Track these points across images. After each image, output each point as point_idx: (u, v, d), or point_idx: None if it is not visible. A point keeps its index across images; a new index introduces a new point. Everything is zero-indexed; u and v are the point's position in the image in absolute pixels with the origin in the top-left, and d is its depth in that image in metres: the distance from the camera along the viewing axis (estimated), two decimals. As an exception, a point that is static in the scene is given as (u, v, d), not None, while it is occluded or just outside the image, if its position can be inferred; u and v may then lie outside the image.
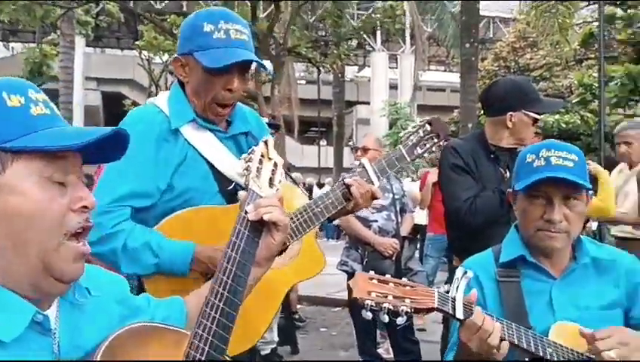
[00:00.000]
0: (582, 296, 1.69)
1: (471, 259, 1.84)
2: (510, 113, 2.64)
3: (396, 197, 4.30)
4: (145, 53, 18.05)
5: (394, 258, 4.07)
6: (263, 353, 4.52)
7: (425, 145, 1.97)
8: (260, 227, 1.29)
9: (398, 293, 1.41)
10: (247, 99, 11.75)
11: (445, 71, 27.98)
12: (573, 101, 11.77)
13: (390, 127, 19.20)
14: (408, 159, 1.95)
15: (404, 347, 4.12)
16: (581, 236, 1.76)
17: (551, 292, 1.69)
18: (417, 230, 6.27)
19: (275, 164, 1.37)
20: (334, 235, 14.12)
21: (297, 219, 1.75)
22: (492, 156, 2.69)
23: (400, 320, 1.41)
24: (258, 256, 1.31)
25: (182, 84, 1.82)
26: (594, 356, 1.52)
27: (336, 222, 4.11)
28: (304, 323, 6.24)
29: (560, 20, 10.05)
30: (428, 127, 1.99)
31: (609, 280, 1.73)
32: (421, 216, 6.97)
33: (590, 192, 1.75)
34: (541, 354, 1.51)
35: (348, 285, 1.44)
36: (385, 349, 4.73)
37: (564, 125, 12.33)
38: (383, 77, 25.29)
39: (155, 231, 1.68)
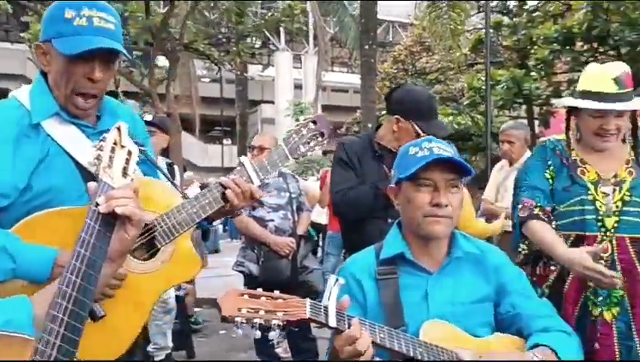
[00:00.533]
0: (455, 291, 1.75)
1: (353, 258, 1.88)
2: (397, 117, 2.71)
3: (293, 196, 4.29)
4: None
5: (290, 257, 4.06)
6: (157, 359, 4.38)
7: (308, 143, 1.95)
8: (112, 221, 1.22)
9: (270, 307, 1.41)
10: (142, 96, 11.36)
11: (348, 72, 28.52)
12: (464, 103, 12.39)
13: (295, 127, 19.23)
14: (291, 158, 1.92)
15: (301, 346, 4.13)
16: (454, 230, 1.83)
17: (427, 288, 1.74)
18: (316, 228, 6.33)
19: (130, 153, 1.30)
20: (239, 235, 13.97)
21: (170, 221, 1.68)
22: (377, 155, 2.75)
23: (272, 335, 1.41)
24: (110, 251, 1.24)
25: (45, 75, 1.69)
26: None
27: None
28: (201, 326, 6.11)
29: (452, 27, 10.54)
30: (312, 126, 1.97)
31: (480, 275, 1.80)
32: (321, 215, 7.05)
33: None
34: (412, 354, 1.55)
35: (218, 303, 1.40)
36: (283, 349, 4.72)
37: (456, 126, 12.94)
38: (288, 76, 25.36)
39: (11, 233, 1.54)
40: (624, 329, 2.19)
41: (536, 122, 11.94)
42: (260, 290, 1.44)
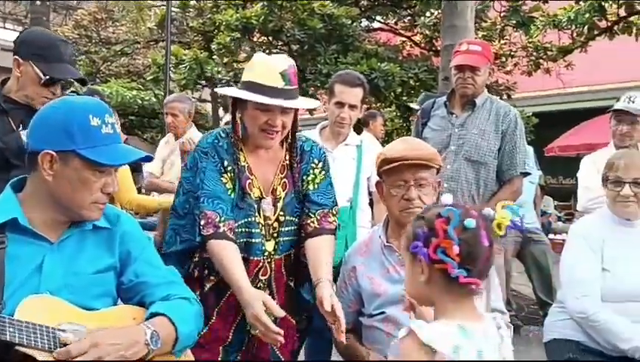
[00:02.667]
0: (74, 261, 1.61)
1: None
2: (17, 57, 2.34)
3: None
4: None
5: None
6: None
7: None
8: None
9: None
10: None
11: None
12: (148, 78, 12.12)
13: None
14: None
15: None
16: None
17: (44, 258, 1.56)
18: None
19: None
20: None
21: None
22: (2, 107, 2.35)
23: None
24: None
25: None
26: None
27: None
28: None
29: (136, -2, 10.16)
30: None
31: (105, 245, 1.69)
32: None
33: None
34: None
35: None
36: None
37: (140, 101, 12.59)
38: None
39: None
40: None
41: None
42: None
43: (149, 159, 1.74)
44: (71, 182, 1.57)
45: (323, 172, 2.28)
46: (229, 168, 2.13)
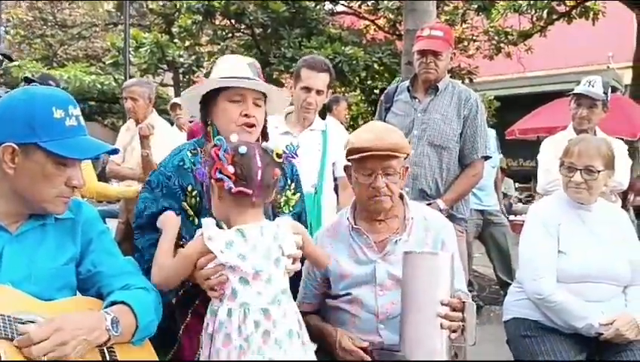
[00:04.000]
0: (35, 252, 1.58)
1: None
2: None
3: None
4: None
5: None
6: None
7: None
8: None
9: None
10: None
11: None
12: (107, 63, 11.82)
13: None
14: None
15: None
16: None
17: (2, 249, 1.53)
18: None
19: None
20: None
21: None
22: None
23: None
24: None
25: None
26: None
27: None
28: None
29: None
30: None
31: (68, 235, 1.66)
32: None
33: None
34: None
35: None
36: None
37: (99, 86, 12.28)
38: None
39: None
40: None
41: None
42: None
43: (115, 152, 1.72)
44: (34, 175, 1.53)
45: (297, 194, 2.28)
46: (193, 192, 2.02)
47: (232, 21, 9.77)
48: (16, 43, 14.93)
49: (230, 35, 10.08)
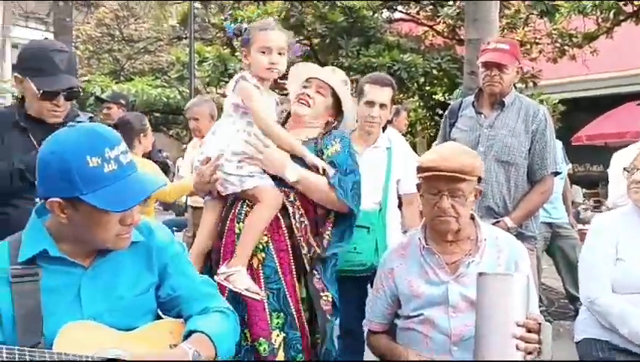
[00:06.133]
0: (113, 284, 1.61)
1: None
2: (17, 75, 2.40)
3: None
4: None
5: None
6: None
7: None
8: None
9: None
10: None
11: (47, 31, 25.48)
12: (173, 77, 12.23)
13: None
14: None
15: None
16: None
17: (80, 285, 1.56)
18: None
19: None
20: None
21: None
22: (22, 127, 2.42)
23: None
24: None
25: None
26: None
27: None
28: None
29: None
30: None
31: (143, 262, 1.68)
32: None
33: None
34: None
35: None
36: None
37: (165, 99, 12.72)
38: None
39: None
40: (270, 273, 2.30)
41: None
42: None
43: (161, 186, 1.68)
44: (86, 224, 1.51)
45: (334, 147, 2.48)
46: None
47: (292, 33, 9.92)
48: (86, 58, 15.67)
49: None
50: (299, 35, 9.92)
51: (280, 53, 2.52)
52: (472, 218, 2.23)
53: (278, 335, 2.25)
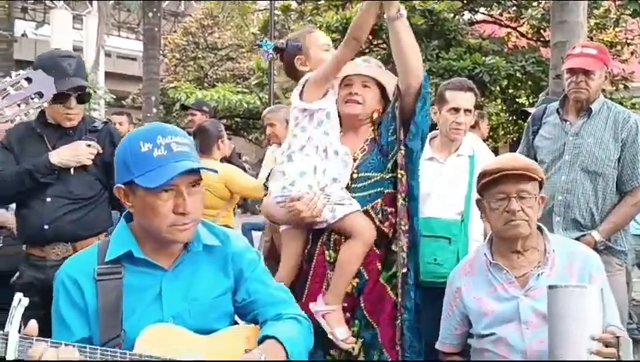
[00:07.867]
0: (191, 286, 1.68)
1: (73, 257, 1.71)
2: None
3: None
4: None
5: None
6: None
7: (18, 105, 1.75)
8: None
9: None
10: None
11: (137, 39, 26.91)
12: (253, 83, 12.56)
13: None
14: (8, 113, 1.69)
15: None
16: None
17: (161, 286, 1.64)
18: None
19: None
20: None
21: None
22: (39, 135, 2.61)
23: None
24: None
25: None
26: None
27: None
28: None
29: (239, 4, 10.55)
30: (25, 84, 1.73)
31: (219, 267, 1.74)
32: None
33: None
34: None
35: None
36: None
37: (245, 104, 13.08)
38: (66, 37, 22.95)
39: None
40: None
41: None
42: None
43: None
44: (143, 210, 1.58)
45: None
46: None
47: (369, 37, 9.92)
48: (172, 66, 16.39)
49: (367, 50, 10.23)
50: (377, 39, 9.91)
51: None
52: (540, 229, 2.16)
53: (355, 343, 2.25)
